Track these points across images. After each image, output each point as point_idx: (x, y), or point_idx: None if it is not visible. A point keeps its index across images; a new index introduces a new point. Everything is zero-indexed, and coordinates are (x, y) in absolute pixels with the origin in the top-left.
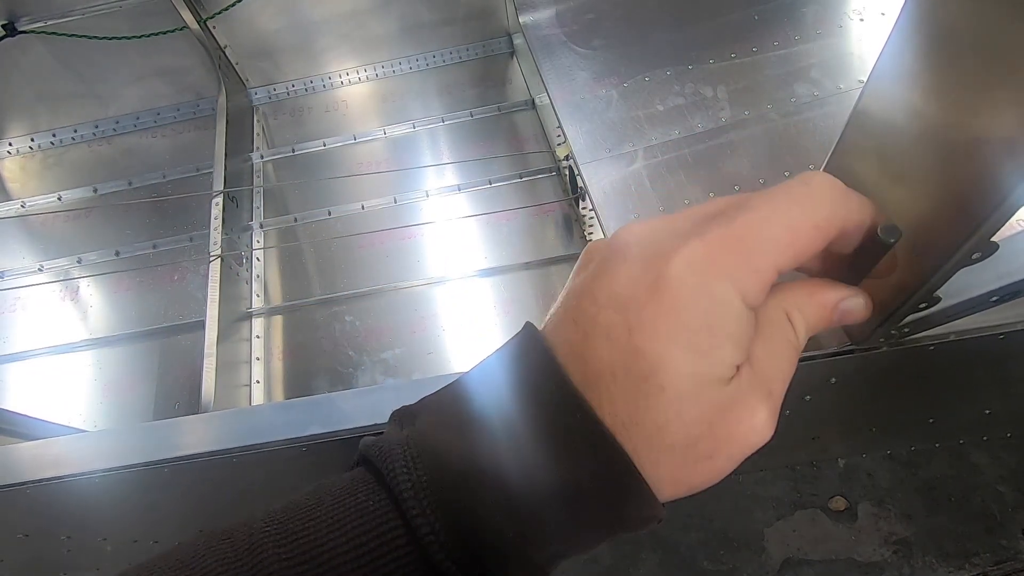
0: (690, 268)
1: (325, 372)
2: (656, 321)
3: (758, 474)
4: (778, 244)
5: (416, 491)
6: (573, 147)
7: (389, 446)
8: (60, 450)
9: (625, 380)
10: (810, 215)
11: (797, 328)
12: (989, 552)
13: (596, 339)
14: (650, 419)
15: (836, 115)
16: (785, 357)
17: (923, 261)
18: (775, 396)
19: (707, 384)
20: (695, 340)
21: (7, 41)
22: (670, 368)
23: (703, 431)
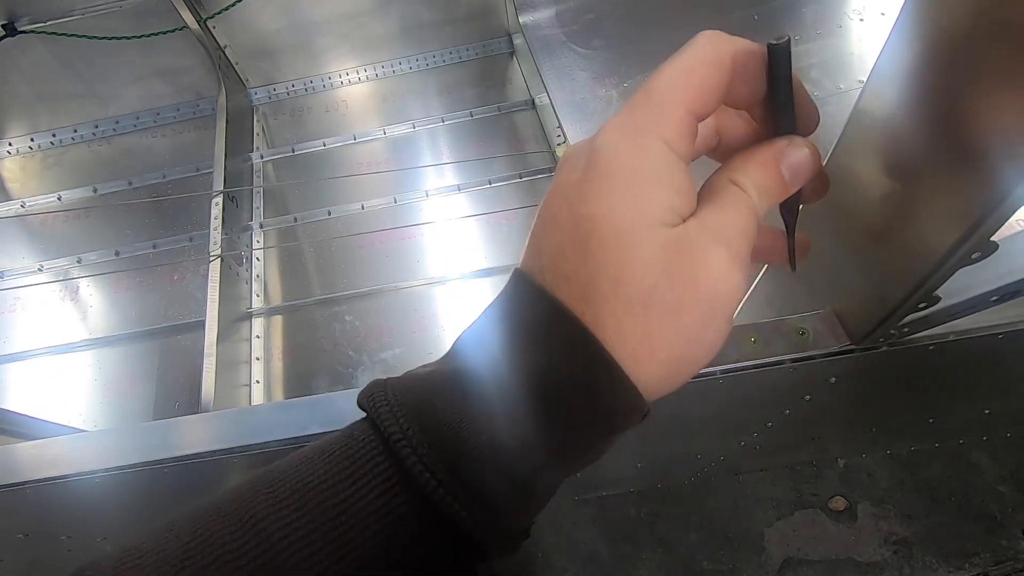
0: (611, 133)
1: (325, 372)
2: (592, 185)
3: (758, 474)
4: (679, 88)
5: (391, 407)
6: None
7: (375, 383)
8: (60, 450)
9: (574, 249)
10: (700, 56)
11: (746, 188)
12: (989, 552)
13: (548, 229)
14: (603, 276)
15: (836, 115)
16: (738, 211)
17: (923, 260)
18: (735, 245)
19: (651, 225)
20: (631, 188)
21: (7, 41)
22: (608, 219)
23: (658, 275)
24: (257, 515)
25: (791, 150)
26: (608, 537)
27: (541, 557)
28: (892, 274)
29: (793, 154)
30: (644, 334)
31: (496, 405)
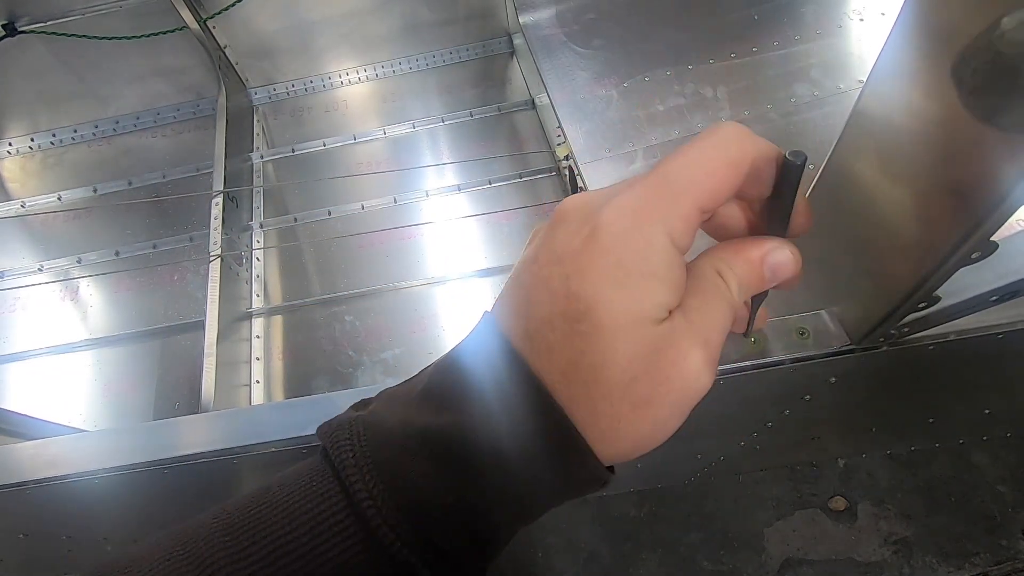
0: (619, 214)
1: (325, 372)
2: (590, 265)
3: (758, 474)
4: (695, 183)
5: (356, 459)
6: (573, 147)
7: (338, 423)
8: (60, 450)
9: (562, 325)
10: (720, 153)
11: (728, 282)
12: (989, 552)
13: (536, 293)
14: (586, 361)
15: (836, 115)
16: (718, 309)
17: (923, 260)
18: (711, 345)
19: (639, 322)
20: (626, 279)
21: (7, 41)
22: (603, 307)
23: (638, 371)
24: (214, 565)
25: (778, 253)
26: (608, 537)
27: (541, 557)
28: (892, 274)
29: (779, 256)
30: (615, 419)
31: (469, 473)
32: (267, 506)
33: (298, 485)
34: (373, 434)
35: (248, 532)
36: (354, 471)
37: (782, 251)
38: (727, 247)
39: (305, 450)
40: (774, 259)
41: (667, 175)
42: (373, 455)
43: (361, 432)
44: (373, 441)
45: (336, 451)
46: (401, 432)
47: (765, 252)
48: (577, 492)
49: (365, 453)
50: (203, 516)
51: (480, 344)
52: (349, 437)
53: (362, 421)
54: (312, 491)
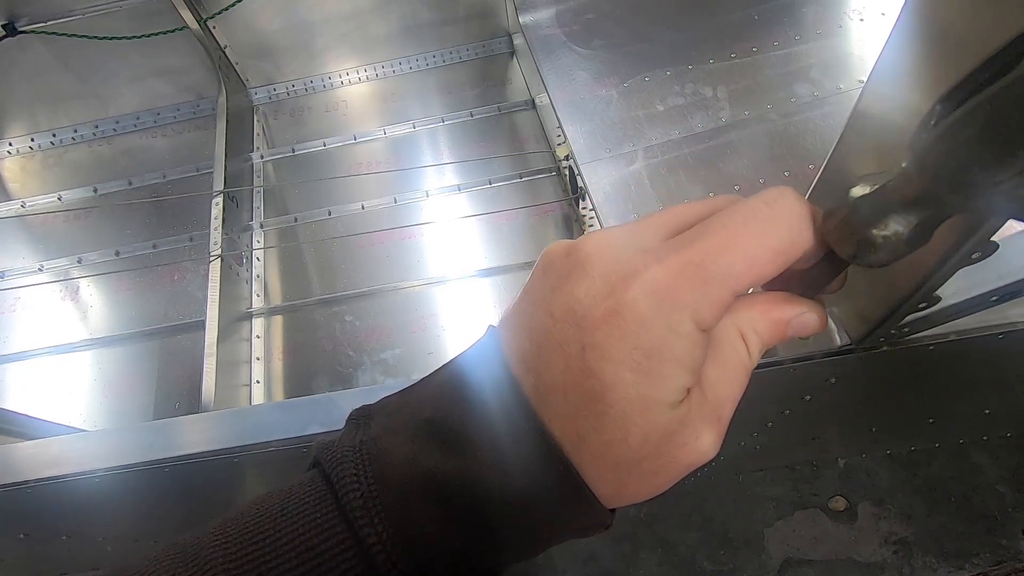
0: (647, 295)
1: (325, 372)
2: (609, 343)
3: (758, 474)
4: (736, 271)
5: (364, 501)
6: (573, 147)
7: (342, 452)
8: (60, 450)
9: (576, 398)
10: (771, 241)
11: (751, 346)
12: (989, 552)
13: (550, 353)
14: (598, 438)
15: (836, 115)
16: (736, 378)
17: (923, 261)
18: (723, 419)
19: (655, 408)
20: (646, 365)
21: (7, 41)
22: (620, 390)
23: (649, 452)
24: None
25: (807, 317)
26: (608, 537)
27: (541, 557)
28: (892, 274)
29: (807, 320)
30: (621, 485)
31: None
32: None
33: (301, 514)
34: (378, 469)
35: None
36: (362, 513)
37: (811, 315)
38: (755, 307)
39: (305, 450)
40: (801, 322)
41: (704, 255)
42: (380, 495)
43: (366, 465)
44: (379, 478)
45: (341, 485)
46: (408, 471)
47: (796, 314)
48: (581, 535)
49: (372, 493)
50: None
51: (491, 385)
52: (355, 471)
53: (366, 452)
54: (316, 525)
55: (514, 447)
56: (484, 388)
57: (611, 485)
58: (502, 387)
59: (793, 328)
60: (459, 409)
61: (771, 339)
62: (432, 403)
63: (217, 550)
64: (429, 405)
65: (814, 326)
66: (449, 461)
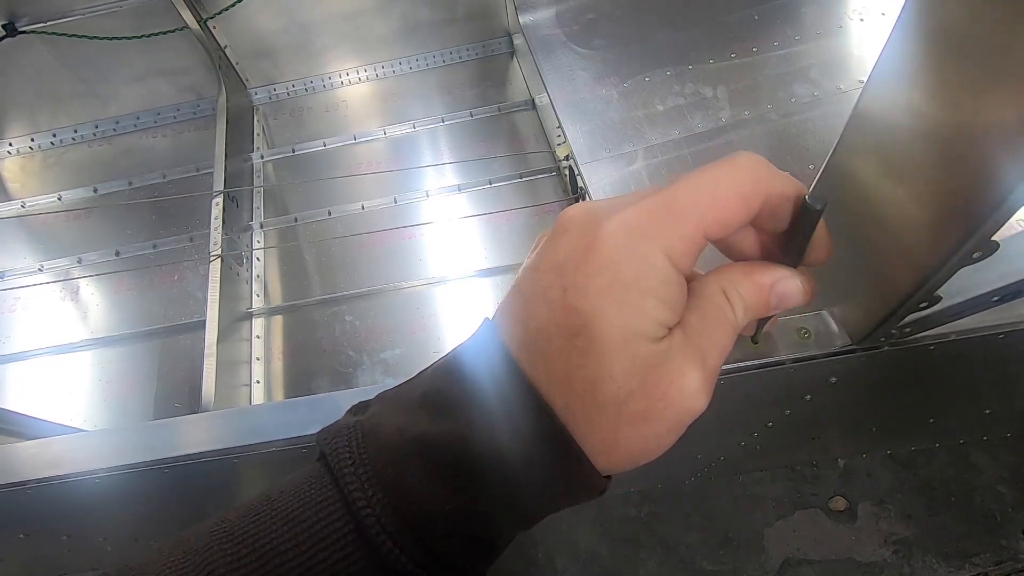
0: (621, 230)
1: (325, 372)
2: (588, 279)
3: (758, 474)
4: (702, 210)
5: (355, 467)
6: (573, 147)
7: (337, 429)
8: (60, 449)
9: (559, 337)
10: (733, 184)
11: (734, 304)
12: (989, 552)
13: (535, 302)
14: (582, 375)
15: (836, 115)
16: (720, 329)
17: (923, 260)
18: (709, 365)
19: (636, 338)
20: (625, 296)
21: (7, 41)
22: (600, 322)
23: (634, 386)
24: (216, 573)
25: (788, 282)
26: (608, 537)
27: (541, 557)
28: (892, 274)
29: (788, 286)
30: (610, 431)
31: (467, 480)
32: (267, 515)
33: (297, 493)
34: (371, 441)
35: (248, 540)
36: (353, 479)
37: (792, 281)
38: (736, 269)
39: (305, 450)
40: (783, 288)
41: (674, 195)
42: (372, 462)
43: (359, 439)
44: (372, 448)
45: (335, 458)
46: (399, 438)
47: (775, 280)
48: (575, 499)
49: (364, 460)
50: (203, 524)
51: (479, 350)
52: (348, 444)
53: (360, 427)
54: (311, 499)
55: (500, 403)
56: (474, 356)
57: (600, 433)
58: (490, 349)
59: (776, 295)
60: (450, 379)
61: (754, 302)
62: (427, 382)
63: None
64: (424, 383)
65: (796, 294)
66: (438, 425)
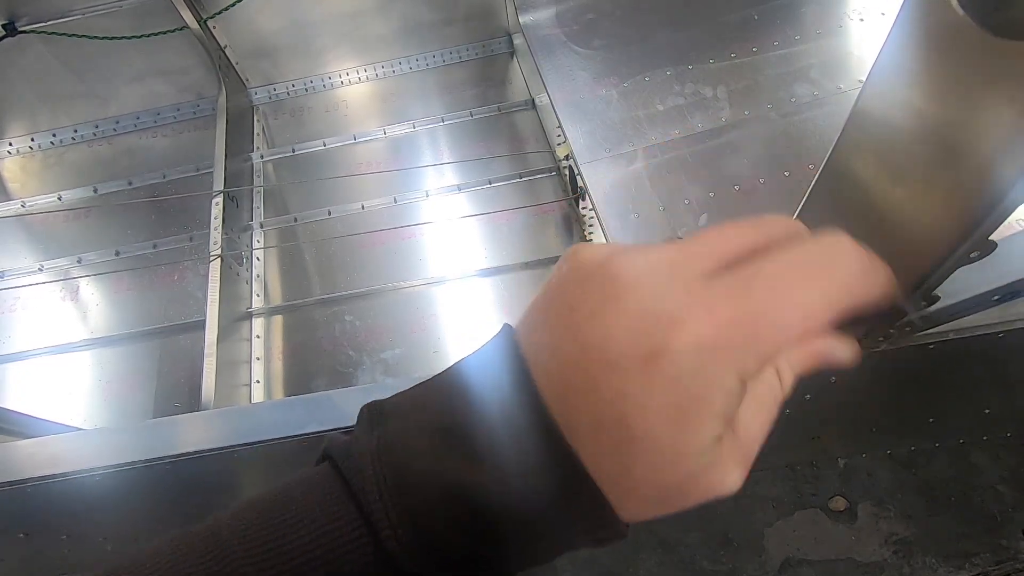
0: (692, 350)
1: (325, 372)
2: (645, 394)
3: (758, 474)
4: (790, 328)
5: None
6: (573, 147)
7: (359, 452)
8: (60, 448)
9: (605, 441)
10: (827, 297)
11: (784, 380)
12: (989, 552)
13: (578, 386)
14: (626, 480)
15: (836, 115)
16: (769, 414)
17: (922, 259)
18: (751, 456)
19: (687, 456)
20: (683, 418)
21: (7, 41)
22: (651, 441)
23: (674, 492)
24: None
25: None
26: None
27: None
28: (892, 273)
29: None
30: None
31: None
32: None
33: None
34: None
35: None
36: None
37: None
38: None
39: (305, 447)
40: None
41: (759, 312)
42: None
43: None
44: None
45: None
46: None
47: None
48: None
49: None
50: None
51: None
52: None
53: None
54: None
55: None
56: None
57: (632, 512)
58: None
59: (826, 360)
60: (479, 418)
61: (804, 370)
62: (450, 408)
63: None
64: (447, 410)
65: (847, 359)
66: (469, 474)
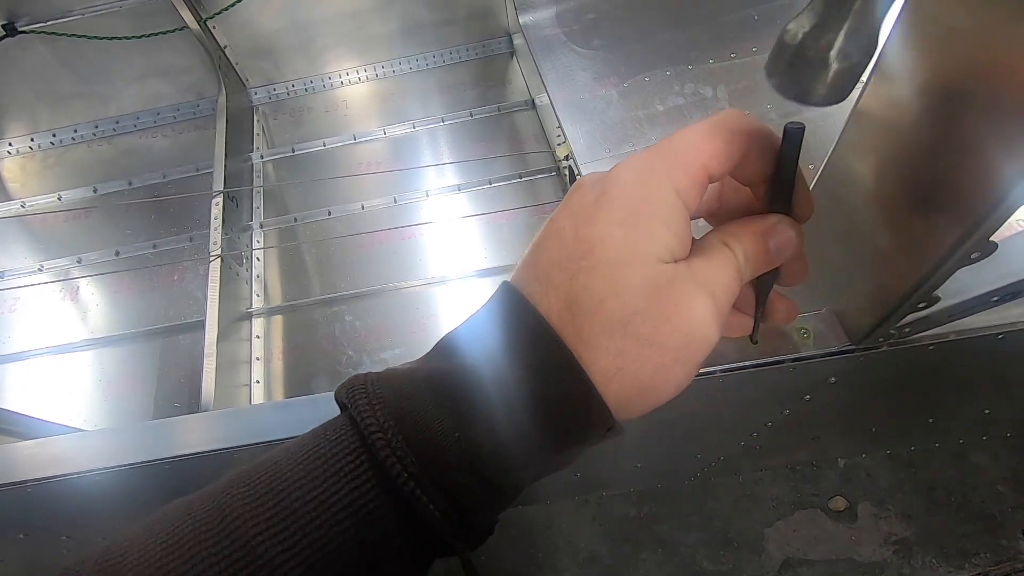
0: (629, 170)
1: (325, 372)
2: (599, 212)
3: (758, 474)
4: (698, 147)
5: (370, 400)
6: (573, 147)
7: (355, 376)
8: (60, 449)
9: (568, 264)
10: (722, 123)
11: (735, 251)
12: (989, 552)
13: (549, 241)
14: (589, 294)
15: (836, 115)
16: (725, 270)
17: (922, 260)
18: (717, 299)
19: (642, 257)
20: (632, 220)
21: (7, 41)
22: (606, 243)
23: (639, 304)
24: (233, 514)
25: (781, 227)
26: (608, 537)
27: (541, 557)
28: (892, 274)
29: (782, 232)
30: (618, 356)
31: (473, 410)
32: (283, 458)
33: (314, 434)
34: (386, 380)
35: (264, 480)
36: (367, 410)
37: (785, 225)
38: (733, 223)
39: None
40: (779, 234)
41: (673, 140)
42: (385, 396)
43: (375, 379)
44: (385, 385)
45: (351, 396)
46: (411, 376)
47: (770, 225)
48: (582, 437)
49: (378, 395)
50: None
51: (492, 302)
52: (364, 384)
53: (376, 374)
54: (327, 436)
55: (507, 335)
56: (487, 305)
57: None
58: (501, 292)
59: (774, 243)
60: (463, 326)
61: (754, 252)
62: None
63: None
64: (446, 337)
65: (792, 241)
66: (448, 361)
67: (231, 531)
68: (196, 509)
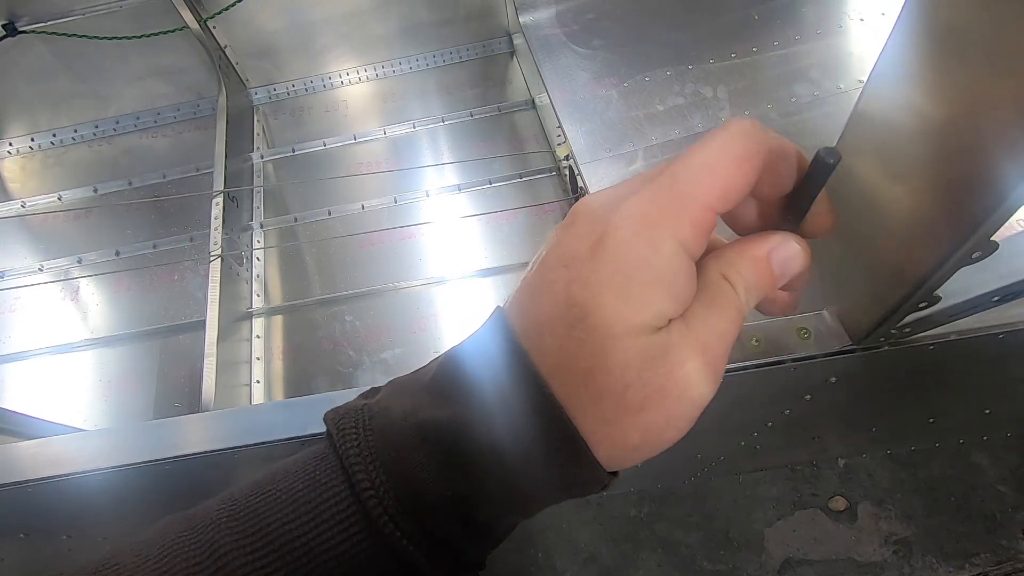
0: (627, 220)
1: (325, 372)
2: (593, 272)
3: (758, 474)
4: (704, 184)
5: (360, 449)
6: (573, 147)
7: (345, 410)
8: (60, 449)
9: (559, 328)
10: (729, 150)
11: (736, 287)
12: (989, 552)
13: (541, 295)
14: (579, 365)
15: (836, 115)
16: (723, 316)
17: (923, 260)
18: (711, 352)
19: (635, 330)
20: (626, 287)
21: (7, 41)
22: (599, 313)
23: (631, 378)
24: (221, 549)
25: (785, 247)
26: (608, 537)
27: (541, 557)
28: (892, 274)
29: (786, 251)
30: (609, 422)
31: (462, 463)
32: (272, 494)
33: (303, 472)
34: (378, 424)
35: (253, 519)
36: (357, 461)
37: (788, 244)
38: (731, 249)
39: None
40: (781, 254)
41: (675, 177)
42: (376, 445)
43: (366, 421)
44: (377, 431)
45: (341, 439)
46: (403, 423)
47: (771, 248)
48: (576, 492)
49: (369, 442)
50: (209, 502)
51: (488, 338)
52: (355, 426)
53: (368, 410)
54: (316, 479)
55: (502, 389)
56: (482, 343)
57: (598, 425)
58: (498, 338)
59: (777, 264)
60: (457, 365)
61: (756, 279)
62: (436, 368)
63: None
64: (433, 369)
65: (797, 258)
66: (441, 410)
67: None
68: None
